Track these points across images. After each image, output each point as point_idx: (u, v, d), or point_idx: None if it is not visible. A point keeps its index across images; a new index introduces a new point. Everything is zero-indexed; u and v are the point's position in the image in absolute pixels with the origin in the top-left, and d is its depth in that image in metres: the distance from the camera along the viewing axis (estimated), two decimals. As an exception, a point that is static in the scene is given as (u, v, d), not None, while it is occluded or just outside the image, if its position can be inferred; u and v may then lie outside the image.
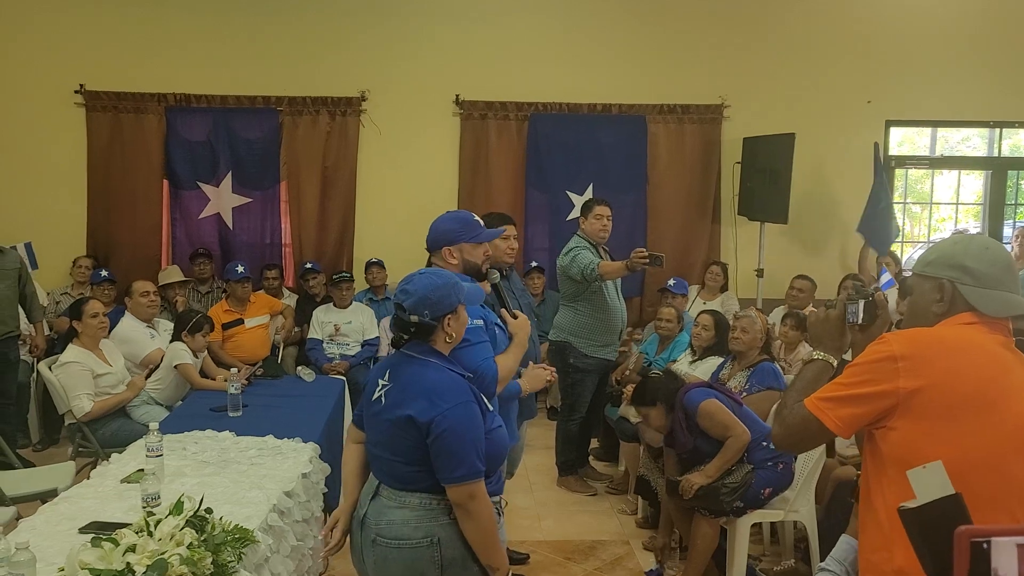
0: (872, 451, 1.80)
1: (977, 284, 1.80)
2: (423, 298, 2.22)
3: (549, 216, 6.88)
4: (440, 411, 2.12)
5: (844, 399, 1.76)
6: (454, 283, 2.31)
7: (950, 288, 1.82)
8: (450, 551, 2.18)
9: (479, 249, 2.82)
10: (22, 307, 5.32)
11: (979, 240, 1.89)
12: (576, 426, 4.98)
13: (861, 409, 1.74)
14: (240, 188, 6.77)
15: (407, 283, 2.27)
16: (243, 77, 6.69)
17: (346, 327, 6.07)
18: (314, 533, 3.19)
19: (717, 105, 6.90)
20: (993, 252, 1.83)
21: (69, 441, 4.63)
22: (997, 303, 1.79)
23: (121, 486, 2.95)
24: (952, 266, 1.82)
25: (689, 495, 3.56)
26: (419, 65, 6.78)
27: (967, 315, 1.80)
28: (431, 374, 2.20)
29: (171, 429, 3.55)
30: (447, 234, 2.79)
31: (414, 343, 2.26)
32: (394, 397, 2.22)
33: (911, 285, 1.94)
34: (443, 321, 2.24)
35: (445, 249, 2.77)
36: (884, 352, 1.75)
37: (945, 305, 1.82)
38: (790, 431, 1.85)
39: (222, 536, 2.27)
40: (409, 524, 2.18)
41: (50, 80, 6.58)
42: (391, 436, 2.21)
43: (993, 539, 0.81)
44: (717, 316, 4.76)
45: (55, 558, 2.23)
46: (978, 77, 6.97)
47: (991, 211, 7.39)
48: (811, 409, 1.79)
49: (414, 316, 2.21)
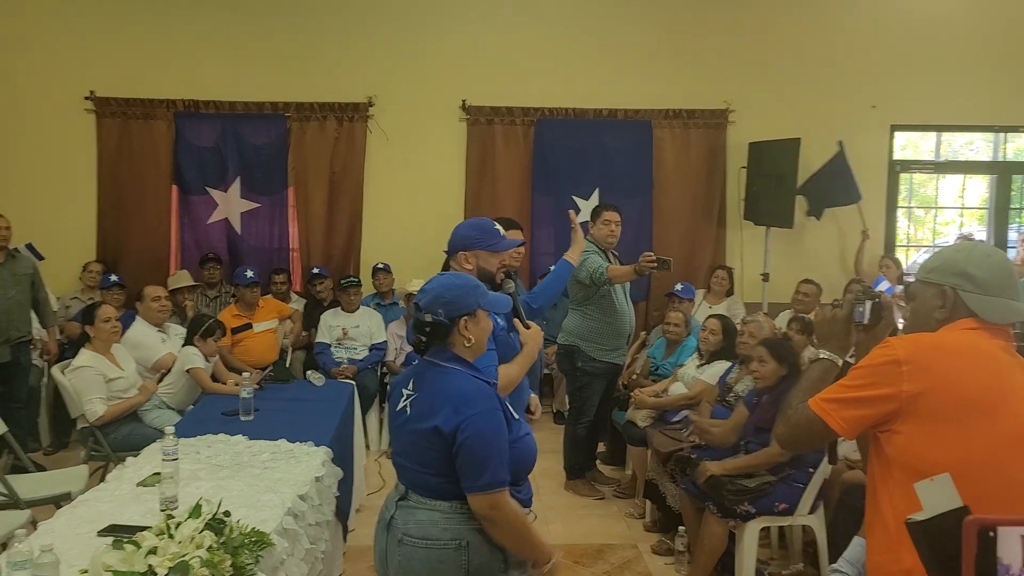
0: (877, 454, 1.83)
1: (979, 291, 1.84)
2: (437, 296, 2.20)
3: (555, 221, 6.91)
4: (464, 417, 2.08)
5: (848, 401, 1.79)
6: (474, 286, 2.28)
7: (952, 295, 1.86)
8: (478, 556, 2.13)
9: (495, 258, 2.83)
10: (35, 312, 5.36)
11: (981, 248, 1.93)
12: (584, 430, 5.00)
13: (865, 411, 1.78)
14: (248, 193, 6.82)
15: (428, 283, 2.28)
16: (251, 83, 6.74)
17: (354, 331, 6.11)
18: (326, 536, 3.22)
19: (723, 110, 6.93)
20: (995, 260, 1.89)
21: (81, 445, 4.66)
22: (998, 310, 1.84)
23: (137, 489, 2.98)
24: (955, 273, 1.87)
25: (700, 480, 3.64)
26: (426, 71, 6.82)
27: (969, 320, 1.84)
28: (456, 382, 2.17)
29: (184, 433, 3.57)
30: (464, 239, 2.82)
31: (437, 350, 2.23)
32: (419, 407, 2.19)
33: (914, 291, 1.98)
34: (458, 323, 2.20)
35: (461, 254, 2.80)
36: (888, 356, 1.78)
37: (947, 311, 1.87)
38: (795, 431, 1.89)
39: (240, 539, 2.30)
40: (438, 525, 2.14)
41: (60, 87, 6.64)
42: (417, 447, 2.17)
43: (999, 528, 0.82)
44: (725, 321, 4.79)
45: (76, 560, 2.26)
46: (983, 82, 7.00)
47: (996, 215, 7.41)
48: (816, 410, 1.82)
49: (428, 315, 2.19)
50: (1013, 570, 0.80)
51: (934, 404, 1.73)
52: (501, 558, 2.17)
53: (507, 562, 2.18)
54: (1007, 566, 0.80)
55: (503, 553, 2.17)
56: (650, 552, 4.23)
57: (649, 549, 4.25)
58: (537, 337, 2.77)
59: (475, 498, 2.09)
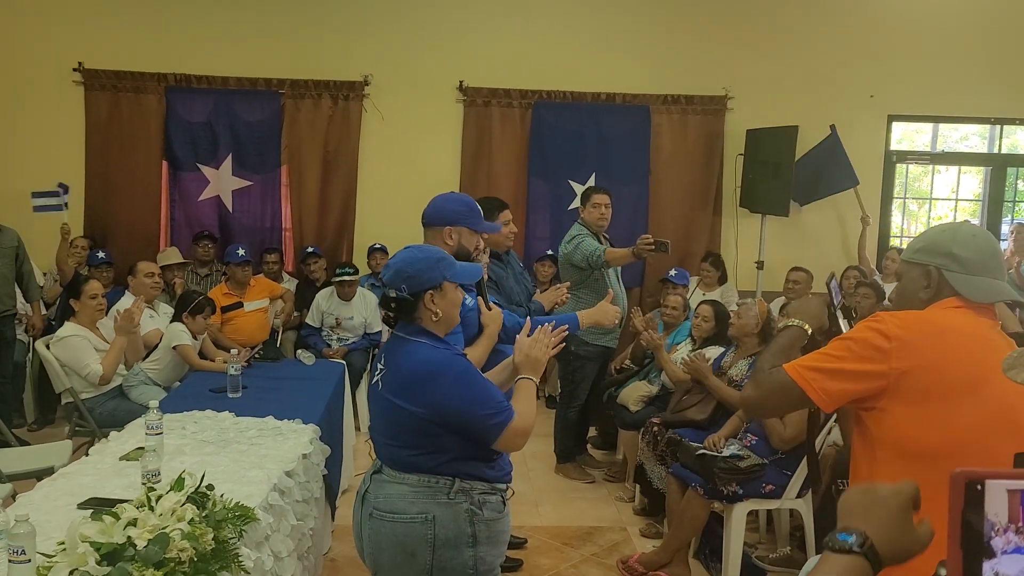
0: (861, 433, 1.81)
1: (963, 271, 1.83)
2: (399, 271, 2.18)
3: (551, 205, 6.86)
4: (440, 394, 2.09)
5: (832, 372, 1.75)
6: (439, 259, 2.23)
7: (936, 275, 1.85)
8: (444, 531, 2.13)
9: (475, 237, 2.79)
10: (19, 286, 5.29)
11: (967, 228, 1.91)
12: (575, 414, 4.98)
13: (849, 385, 1.74)
14: (240, 171, 6.72)
15: (392, 257, 2.26)
16: (245, 59, 6.64)
17: (347, 323, 6.00)
18: (314, 514, 3.19)
19: (721, 97, 6.88)
20: (980, 240, 1.87)
21: (66, 420, 4.61)
22: (981, 289, 1.83)
23: (120, 464, 2.94)
24: (940, 253, 1.86)
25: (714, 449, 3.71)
26: (423, 50, 6.74)
27: (953, 300, 1.84)
28: (420, 354, 2.14)
29: (169, 409, 3.53)
30: (452, 214, 2.75)
31: (404, 324, 2.21)
32: (388, 381, 2.19)
33: (901, 271, 1.97)
34: (423, 297, 2.17)
35: (447, 229, 2.73)
36: (877, 330, 1.75)
37: (932, 291, 1.86)
38: (767, 396, 1.84)
39: (223, 513, 2.26)
40: (405, 499, 2.15)
41: (48, 57, 6.51)
42: (387, 421, 2.20)
43: (987, 481, 0.82)
44: (717, 307, 4.76)
45: (54, 532, 2.21)
46: (981, 74, 6.96)
47: (990, 207, 7.39)
48: (794, 376, 1.77)
49: (392, 290, 2.17)
50: (999, 524, 0.79)
51: (922, 382, 1.71)
52: (469, 533, 2.16)
53: (475, 537, 2.17)
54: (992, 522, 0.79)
55: (472, 527, 2.16)
56: (639, 535, 4.21)
57: (638, 532, 4.24)
58: (497, 320, 2.75)
59: (500, 445, 2.13)
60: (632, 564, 3.76)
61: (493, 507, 2.21)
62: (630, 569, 3.75)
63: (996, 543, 0.83)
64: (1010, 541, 0.83)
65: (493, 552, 2.23)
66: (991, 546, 0.83)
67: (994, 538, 0.83)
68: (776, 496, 3.63)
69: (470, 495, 2.17)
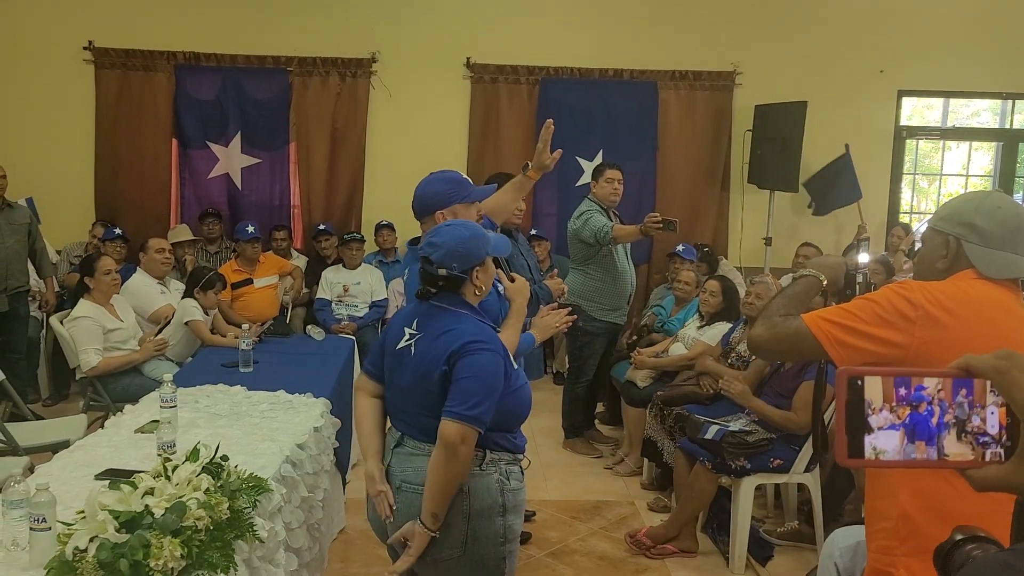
0: None
1: (982, 243, 1.77)
2: (451, 251, 2.14)
3: (558, 181, 6.85)
4: (472, 344, 2.08)
5: (853, 330, 1.71)
6: (482, 234, 2.23)
7: (955, 244, 1.80)
8: (478, 502, 2.13)
9: (472, 209, 2.62)
10: (32, 262, 5.34)
11: (993, 198, 1.84)
12: (583, 389, 5.01)
13: (868, 346, 1.70)
14: (249, 148, 6.75)
15: (434, 235, 2.20)
16: (253, 37, 6.64)
17: (355, 288, 6.09)
18: (324, 485, 3.23)
19: (729, 72, 6.84)
20: (1005, 211, 1.80)
21: (80, 395, 4.67)
22: (998, 264, 1.77)
23: (135, 436, 2.98)
24: (962, 223, 1.80)
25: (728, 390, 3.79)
26: (430, 27, 6.72)
27: (970, 272, 1.78)
28: (465, 324, 2.15)
29: (182, 383, 3.55)
30: (438, 196, 2.60)
31: (443, 295, 2.19)
32: (425, 347, 2.16)
33: (924, 238, 1.93)
34: (471, 273, 2.18)
35: (439, 213, 2.56)
36: (904, 296, 1.71)
37: (948, 261, 1.81)
38: (779, 340, 1.80)
39: (238, 483, 2.30)
40: None
41: (58, 36, 6.53)
42: (419, 389, 2.15)
43: (866, 377, 0.97)
44: (725, 282, 4.76)
45: (72, 502, 2.25)
46: (991, 49, 6.89)
47: (1001, 183, 7.35)
48: (811, 326, 1.73)
49: (442, 269, 2.13)
50: (875, 404, 0.96)
51: (945, 356, 1.67)
52: (500, 502, 2.17)
53: (505, 507, 2.18)
54: (869, 401, 0.96)
55: (502, 497, 2.17)
56: (647, 509, 4.25)
57: (646, 506, 4.28)
58: (524, 291, 2.50)
59: (452, 423, 2.03)
60: (640, 538, 3.80)
61: (516, 476, 2.24)
62: (638, 543, 3.79)
63: (872, 420, 0.97)
64: (885, 419, 0.97)
65: (518, 521, 2.25)
66: (869, 423, 0.97)
67: (871, 415, 0.97)
68: (784, 470, 3.66)
69: (498, 465, 2.18)
